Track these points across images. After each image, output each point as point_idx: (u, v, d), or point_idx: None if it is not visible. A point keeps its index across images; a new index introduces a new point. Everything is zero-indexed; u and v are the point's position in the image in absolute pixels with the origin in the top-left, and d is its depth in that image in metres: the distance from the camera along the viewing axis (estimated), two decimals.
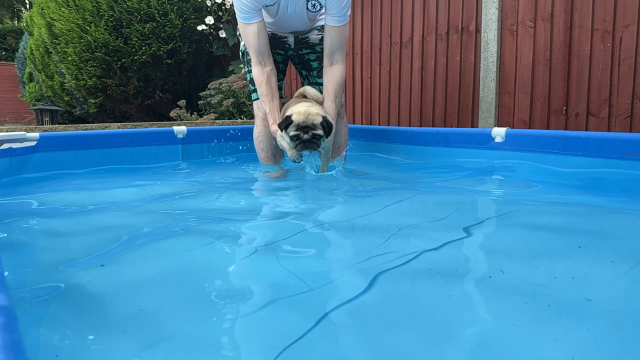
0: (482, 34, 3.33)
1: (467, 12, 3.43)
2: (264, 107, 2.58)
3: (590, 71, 2.84)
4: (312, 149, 2.33)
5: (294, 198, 2.13)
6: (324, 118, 2.29)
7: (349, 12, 2.49)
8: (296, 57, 2.86)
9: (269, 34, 2.62)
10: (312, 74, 2.82)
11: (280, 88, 2.80)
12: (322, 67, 2.69)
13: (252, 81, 2.64)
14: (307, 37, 2.73)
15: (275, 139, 2.55)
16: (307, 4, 2.46)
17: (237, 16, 2.47)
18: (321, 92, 2.78)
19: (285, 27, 2.66)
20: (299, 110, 2.29)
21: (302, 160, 2.44)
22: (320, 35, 2.67)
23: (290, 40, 2.74)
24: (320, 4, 2.45)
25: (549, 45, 3.02)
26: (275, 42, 2.72)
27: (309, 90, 2.65)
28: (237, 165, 2.90)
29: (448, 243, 1.29)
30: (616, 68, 2.74)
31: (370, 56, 4.20)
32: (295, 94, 2.73)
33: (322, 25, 2.58)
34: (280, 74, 2.85)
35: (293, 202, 2.04)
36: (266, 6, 2.45)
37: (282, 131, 2.37)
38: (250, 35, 2.47)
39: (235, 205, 1.95)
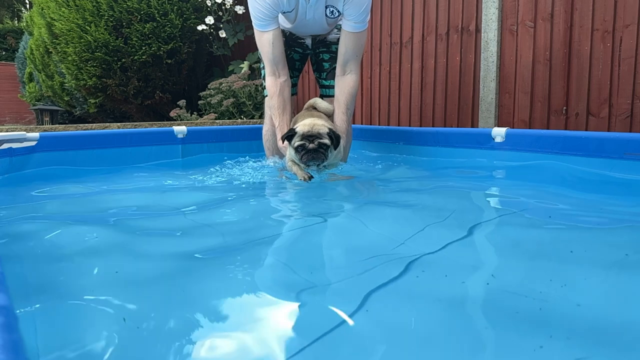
0: (482, 34, 3.33)
1: (467, 12, 3.43)
2: (274, 120, 2.52)
3: (590, 71, 2.84)
4: (319, 159, 2.24)
5: (294, 198, 2.12)
6: (331, 129, 2.26)
7: (368, 19, 2.40)
8: (313, 57, 2.82)
9: (286, 34, 2.57)
10: (322, 75, 2.78)
11: (294, 85, 2.77)
12: (332, 69, 2.64)
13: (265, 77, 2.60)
14: (325, 37, 2.69)
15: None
16: (325, 11, 2.39)
17: (253, 23, 2.42)
18: (326, 96, 2.77)
19: (304, 32, 2.62)
20: (304, 123, 2.27)
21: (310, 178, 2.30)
22: (338, 36, 2.58)
23: (308, 41, 2.71)
24: (338, 11, 2.37)
25: (549, 45, 3.02)
26: (292, 42, 2.69)
27: (320, 103, 2.62)
28: (237, 165, 2.90)
29: (446, 244, 1.29)
30: (616, 68, 2.73)
31: (370, 56, 4.20)
32: (305, 106, 2.72)
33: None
34: (296, 71, 2.81)
35: (292, 202, 2.04)
36: (284, 12, 2.40)
37: (283, 142, 2.35)
38: (265, 43, 2.41)
39: (237, 205, 1.94)
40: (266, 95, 2.64)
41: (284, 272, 1.14)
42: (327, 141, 2.22)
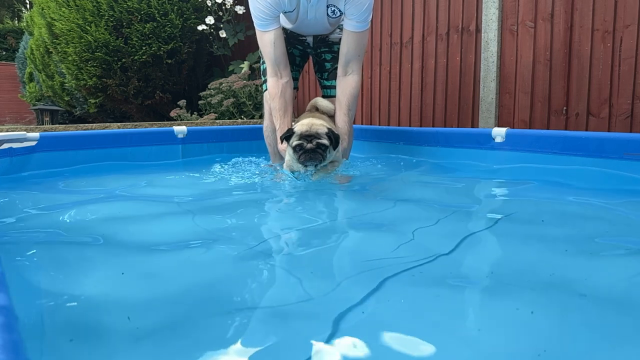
0: (482, 34, 3.33)
1: (467, 12, 3.43)
2: (275, 122, 2.51)
3: (590, 71, 2.84)
4: (317, 159, 2.22)
5: (295, 199, 2.12)
6: (330, 129, 2.24)
7: (370, 18, 2.38)
8: (314, 57, 2.81)
9: (287, 31, 2.56)
10: (324, 76, 2.77)
11: (295, 79, 2.76)
12: (334, 69, 2.63)
13: (265, 72, 2.59)
14: (327, 36, 2.68)
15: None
16: (327, 10, 2.37)
17: (254, 23, 2.42)
18: (328, 96, 2.76)
19: (306, 31, 2.61)
20: (302, 122, 2.25)
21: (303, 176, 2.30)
22: (340, 35, 2.55)
23: (309, 40, 2.70)
24: (340, 10, 2.36)
25: (549, 45, 3.02)
26: (293, 40, 2.69)
27: (321, 102, 2.61)
28: (237, 166, 2.89)
29: (447, 244, 1.29)
30: (616, 68, 2.73)
31: (371, 56, 4.20)
32: (307, 107, 2.72)
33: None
34: (297, 66, 2.80)
35: (293, 203, 2.04)
36: (285, 12, 2.39)
37: (282, 143, 2.34)
38: (266, 43, 2.40)
39: (237, 207, 1.94)
40: (265, 90, 2.63)
41: (285, 272, 1.14)
42: (325, 141, 2.20)
